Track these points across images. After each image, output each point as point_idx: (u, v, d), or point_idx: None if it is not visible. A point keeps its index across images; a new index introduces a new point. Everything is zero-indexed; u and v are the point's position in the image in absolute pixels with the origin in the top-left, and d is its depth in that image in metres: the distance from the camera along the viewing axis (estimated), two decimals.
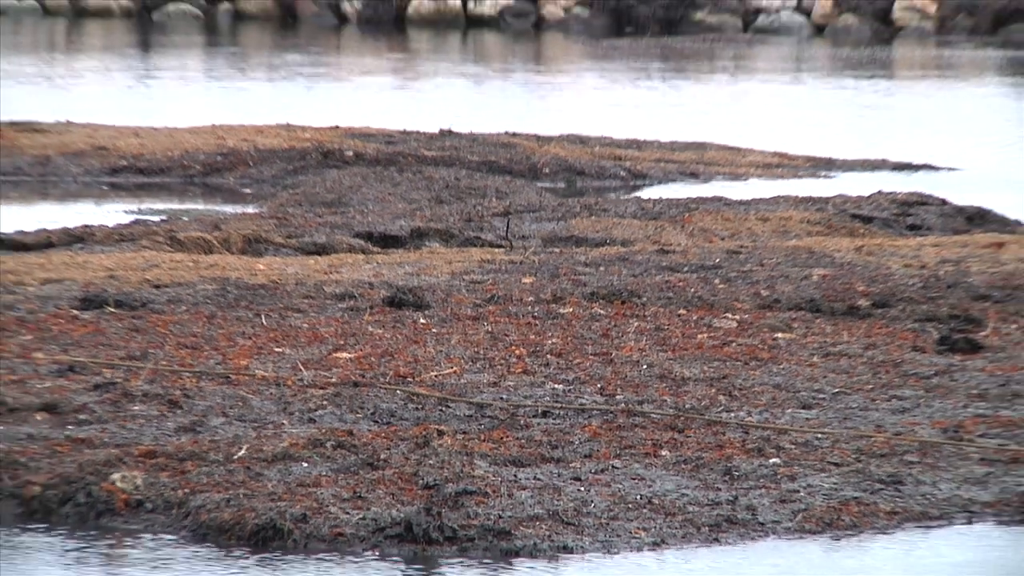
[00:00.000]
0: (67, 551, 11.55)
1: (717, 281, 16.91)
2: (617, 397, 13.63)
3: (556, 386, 13.82)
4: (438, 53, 38.26)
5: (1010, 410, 13.74)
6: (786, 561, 11.55)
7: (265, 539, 11.46)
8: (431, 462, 12.28)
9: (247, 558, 11.34)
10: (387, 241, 19.27)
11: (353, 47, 38.34)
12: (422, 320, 15.37)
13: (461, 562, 11.33)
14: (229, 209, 21.21)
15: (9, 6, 40.78)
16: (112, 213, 20.96)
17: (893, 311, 16.16)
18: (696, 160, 25.47)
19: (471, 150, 24.55)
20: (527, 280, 16.80)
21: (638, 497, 12.04)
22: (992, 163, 25.73)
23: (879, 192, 22.70)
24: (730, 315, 15.90)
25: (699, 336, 15.21)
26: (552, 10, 39.50)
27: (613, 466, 12.41)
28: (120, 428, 12.78)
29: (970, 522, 12.01)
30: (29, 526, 11.78)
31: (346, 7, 39.57)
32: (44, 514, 11.84)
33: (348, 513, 11.61)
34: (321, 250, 18.62)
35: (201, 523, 11.62)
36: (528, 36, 39.16)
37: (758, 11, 39.74)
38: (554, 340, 14.86)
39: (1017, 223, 20.97)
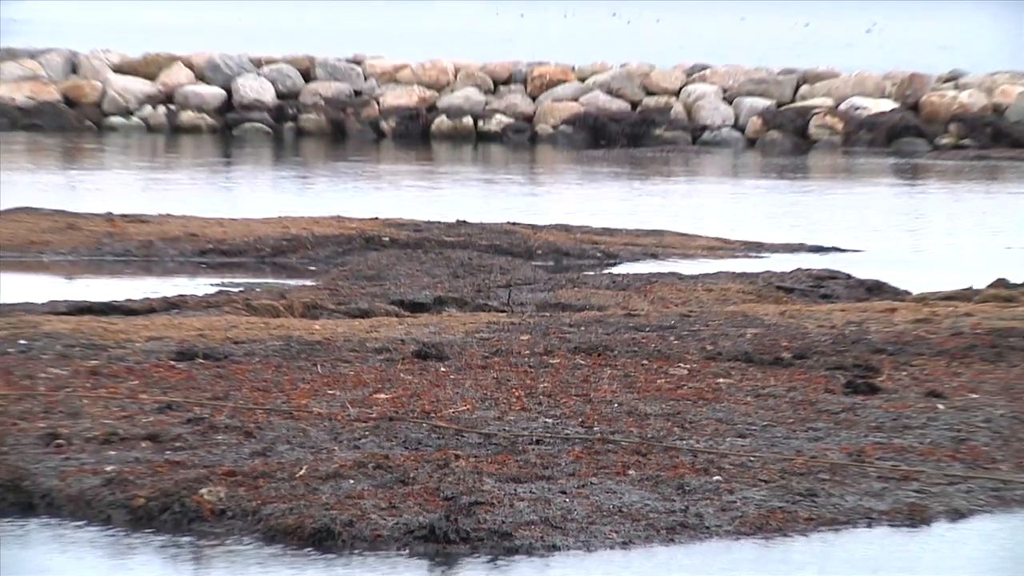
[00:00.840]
0: (164, 548, 11.62)
1: (672, 338, 16.92)
2: (594, 428, 13.66)
3: (547, 420, 13.87)
4: (454, 161, 38.13)
5: (901, 439, 13.78)
6: (727, 556, 11.61)
7: (320, 540, 11.54)
8: (449, 479, 12.33)
9: (307, 555, 11.41)
10: (415, 307, 19.32)
11: (389, 156, 38.21)
12: (442, 369, 15.39)
13: (473, 558, 11.40)
14: (292, 282, 21.22)
15: (120, 123, 40.60)
16: (201, 286, 20.96)
17: (809, 361, 16.18)
18: (655, 244, 25.51)
19: (480, 236, 24.59)
20: (524, 337, 16.82)
21: (611, 507, 12.09)
22: (886, 247, 25.71)
23: (798, 269, 22.70)
24: (682, 365, 15.92)
25: (658, 381, 15.23)
26: (543, 127, 39.35)
27: (591, 482, 12.44)
28: (207, 453, 12.81)
29: (870, 526, 12.06)
30: (136, 530, 11.84)
31: (383, 125, 39.44)
32: (148, 521, 11.88)
33: (384, 519, 11.68)
34: (364, 314, 18.66)
35: (270, 527, 11.69)
36: (525, 148, 38.92)
37: (704, 128, 39.47)
38: (545, 384, 14.88)
39: (907, 293, 20.98)
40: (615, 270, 23.07)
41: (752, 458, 13.18)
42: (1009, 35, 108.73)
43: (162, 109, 42.90)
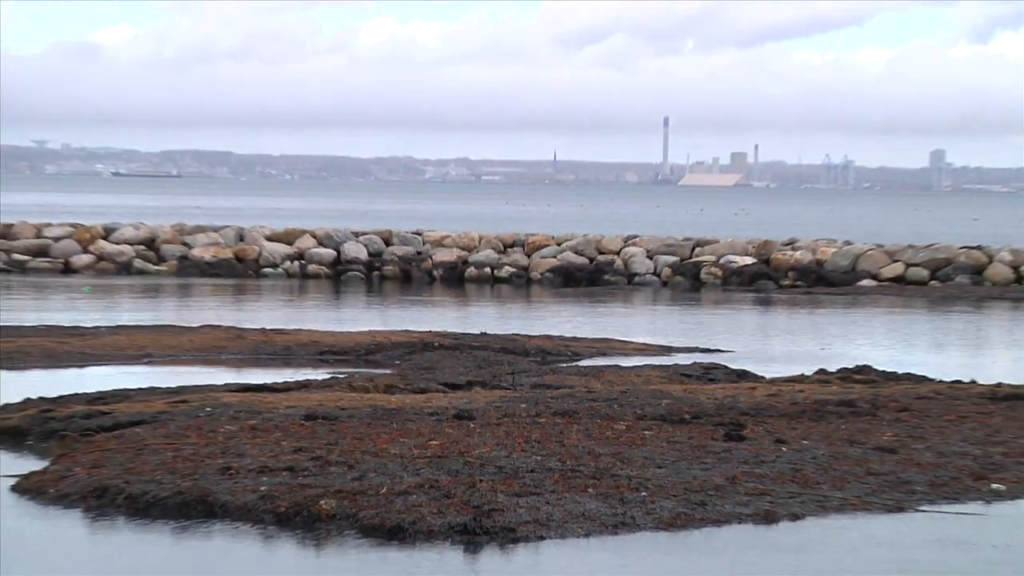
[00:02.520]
0: (298, 539, 11.58)
1: (615, 406, 16.81)
2: (567, 463, 13.59)
3: (537, 457, 13.79)
4: (479, 296, 38.21)
5: (759, 469, 13.69)
6: (651, 543, 11.55)
7: (395, 533, 11.50)
8: (476, 495, 12.27)
9: (387, 543, 11.38)
10: (454, 387, 19.19)
11: (438, 293, 38.27)
12: (472, 425, 15.30)
13: (491, 545, 11.36)
14: (378, 371, 21.12)
15: (270, 272, 40.56)
16: (320, 374, 20.88)
17: (701, 420, 16.05)
18: (604, 347, 25.38)
19: (495, 342, 24.53)
20: (523, 405, 16.74)
21: (577, 512, 12.01)
22: (748, 349, 25.61)
23: (694, 362, 22.56)
24: (622, 423, 15.83)
25: (607, 433, 15.14)
26: (535, 274, 39.29)
27: (565, 496, 12.36)
28: (324, 478, 12.72)
29: (740, 524, 12.00)
30: (280, 528, 11.81)
31: (435, 273, 39.58)
32: (287, 522, 11.82)
33: (435, 520, 11.63)
34: (422, 391, 18.57)
35: (364, 525, 11.65)
36: (523, 287, 39.02)
37: (635, 274, 39.46)
38: (536, 435, 14.80)
39: (762, 377, 20.86)
40: (579, 363, 23.00)
41: (666, 481, 13.11)
42: (829, 216, 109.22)
43: (296, 263, 42.93)
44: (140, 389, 18.55)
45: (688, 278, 41.81)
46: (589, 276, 41.91)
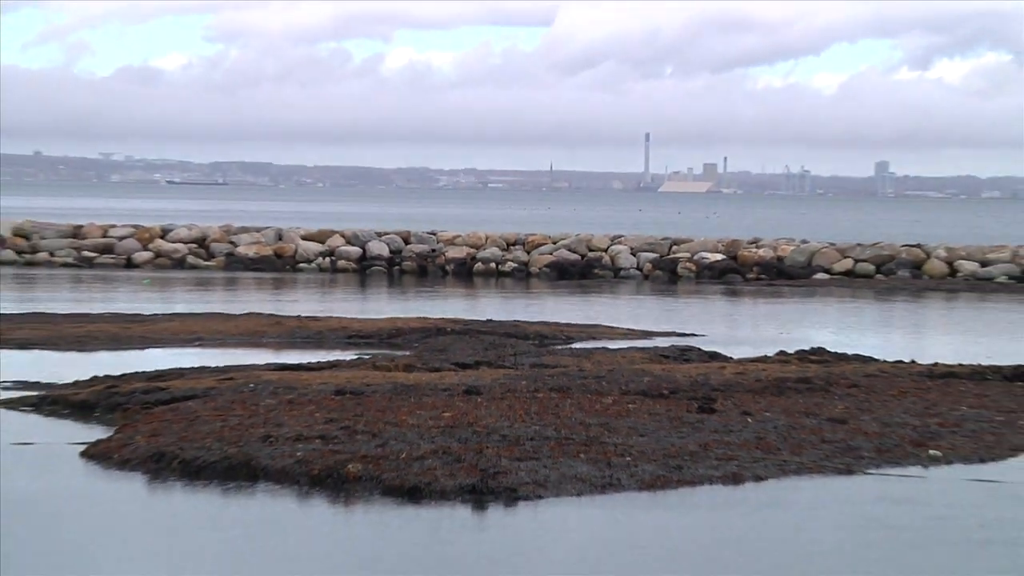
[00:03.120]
0: (330, 497, 11.56)
1: (603, 383, 16.75)
2: (561, 432, 13.58)
3: (536, 427, 13.74)
4: (486, 288, 38.20)
5: (728, 438, 13.65)
6: (634, 500, 11.54)
7: (413, 492, 11.48)
8: (483, 459, 12.24)
9: (405, 501, 11.36)
10: (464, 366, 19.12)
11: (450, 285, 38.25)
12: (480, 399, 15.27)
13: (496, 503, 11.35)
14: (398, 353, 21.00)
15: (304, 267, 40.59)
16: (348, 355, 20.85)
17: (678, 395, 15.94)
18: (594, 332, 25.26)
19: (499, 328, 24.39)
20: (523, 382, 16.68)
21: (571, 474, 12.00)
22: (718, 333, 25.55)
23: (672, 345, 22.52)
24: (609, 397, 15.77)
25: (596, 406, 15.10)
26: (534, 269, 39.26)
27: (560, 461, 12.32)
28: (352, 445, 12.65)
29: (711, 484, 11.98)
30: (313, 488, 11.79)
31: (447, 268, 39.51)
32: (320, 483, 11.80)
33: (448, 481, 11.61)
34: (436, 370, 18.48)
35: (387, 486, 11.62)
36: (523, 281, 38.94)
37: (620, 269, 39.36)
38: (535, 408, 14.74)
39: (730, 358, 20.82)
40: (572, 346, 22.94)
41: (647, 448, 13.07)
42: (788, 218, 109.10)
43: (328, 260, 42.86)
44: (192, 368, 18.58)
45: (666, 272, 41.76)
46: (581, 271, 41.85)
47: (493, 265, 42.16)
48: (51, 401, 16.01)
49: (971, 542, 10.74)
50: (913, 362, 20.30)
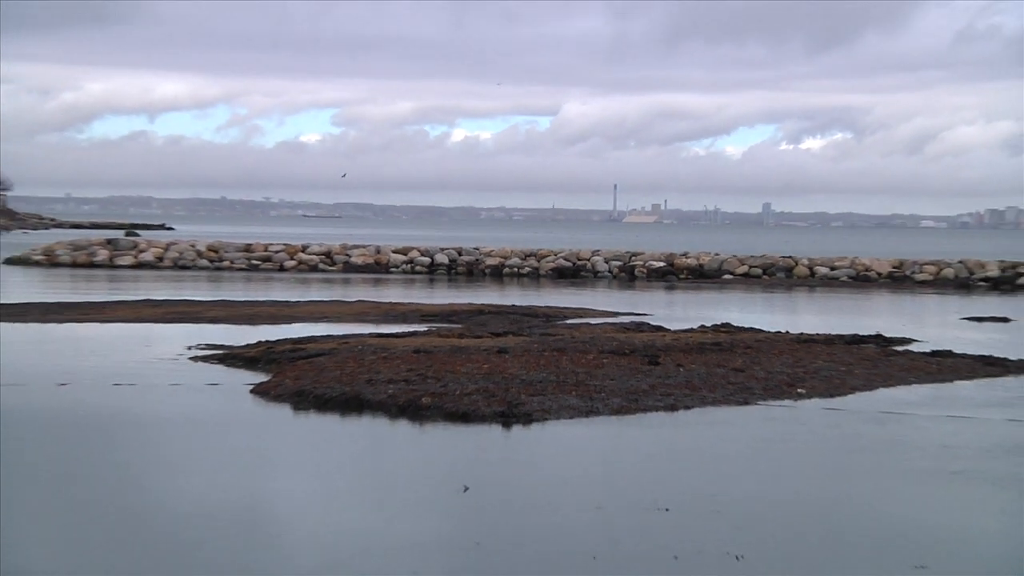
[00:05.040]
0: (411, 420, 11.57)
1: (587, 345, 16.74)
2: (559, 377, 13.53)
3: (543, 374, 13.71)
4: (511, 285, 38.16)
5: (667, 381, 13.61)
6: (607, 423, 11.50)
7: (464, 416, 11.47)
8: (509, 395, 12.20)
9: (459, 423, 11.34)
10: (497, 335, 19.03)
11: (487, 283, 37.90)
12: (507, 357, 15.24)
13: (517, 423, 11.33)
14: (454, 326, 20.97)
15: (394, 271, 40.56)
16: (422, 327, 20.77)
17: (636, 353, 15.91)
18: (581, 313, 24.95)
19: (520, 310, 24.33)
20: (535, 345, 16.67)
21: (567, 405, 11.97)
22: (662, 312, 25.41)
23: (631, 321, 22.47)
24: (590, 355, 15.74)
25: (582, 360, 15.04)
26: (542, 271, 38.85)
27: (558, 396, 12.27)
28: (424, 386, 12.59)
29: (657, 412, 11.94)
30: (399, 416, 11.78)
31: (486, 271, 39.13)
32: (403, 411, 11.78)
33: (486, 409, 11.58)
34: (478, 337, 18.41)
35: (447, 413, 11.61)
36: (536, 280, 38.68)
37: (597, 272, 39.10)
38: (543, 362, 14.72)
39: (669, 329, 20.69)
40: (567, 322, 22.83)
41: (615, 387, 13.04)
42: (705, 240, 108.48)
43: (409, 265, 42.78)
44: (321, 336, 18.54)
45: (627, 274, 41.62)
46: (572, 273, 41.71)
47: (516, 269, 42.09)
48: (231, 357, 16.06)
49: (825, 444, 10.75)
50: (787, 332, 20.23)
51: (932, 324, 24.32)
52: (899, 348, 18.41)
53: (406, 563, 6.87)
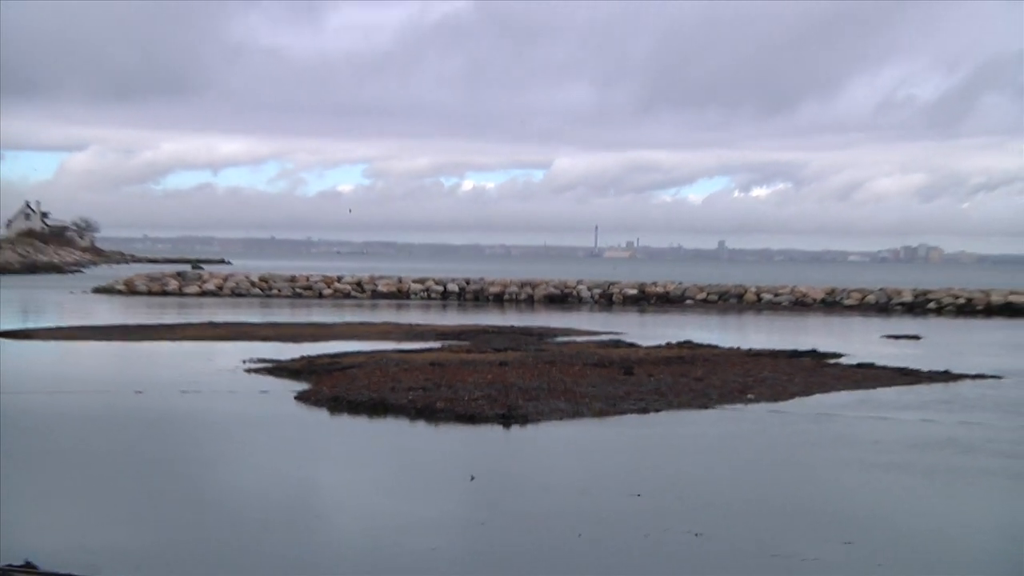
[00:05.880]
0: (428, 422, 11.52)
1: (573, 358, 16.72)
2: (551, 385, 13.50)
3: (537, 382, 13.71)
4: (509, 308, 37.93)
5: (641, 388, 13.59)
6: (589, 423, 11.47)
7: (471, 418, 11.41)
8: (509, 400, 12.18)
9: (467, 423, 11.29)
10: (498, 350, 18.96)
11: (489, 308, 37.77)
12: (508, 368, 15.26)
13: (516, 424, 11.29)
14: (462, 343, 20.95)
15: (414, 297, 40.33)
16: (436, 344, 20.63)
17: (614, 365, 15.94)
18: (568, 332, 24.90)
19: (518, 329, 24.28)
20: (531, 358, 16.68)
21: (556, 408, 11.93)
22: (634, 332, 25.39)
23: (608, 339, 22.47)
24: (576, 366, 15.75)
25: (569, 371, 15.05)
26: (536, 297, 38.92)
27: (550, 401, 12.26)
28: (438, 392, 12.54)
29: (632, 414, 11.92)
30: (417, 417, 11.74)
31: (490, 297, 38.82)
32: (420, 413, 11.72)
33: (489, 412, 11.53)
34: (483, 352, 18.29)
35: (456, 415, 11.54)
36: (529, 305, 38.50)
37: (581, 298, 39.08)
38: (536, 372, 14.73)
39: (641, 346, 20.66)
40: (556, 339, 22.80)
41: (597, 393, 13.02)
42: (671, 271, 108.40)
43: (425, 293, 42.60)
44: (353, 351, 18.50)
45: (606, 300, 41.63)
46: (561, 299, 41.67)
47: (514, 296, 42.05)
48: (278, 369, 16.03)
49: (771, 440, 10.70)
50: (739, 348, 20.23)
51: (857, 341, 24.35)
52: (831, 361, 18.44)
53: (425, 537, 6.87)
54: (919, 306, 39.75)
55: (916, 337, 25.83)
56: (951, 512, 7.83)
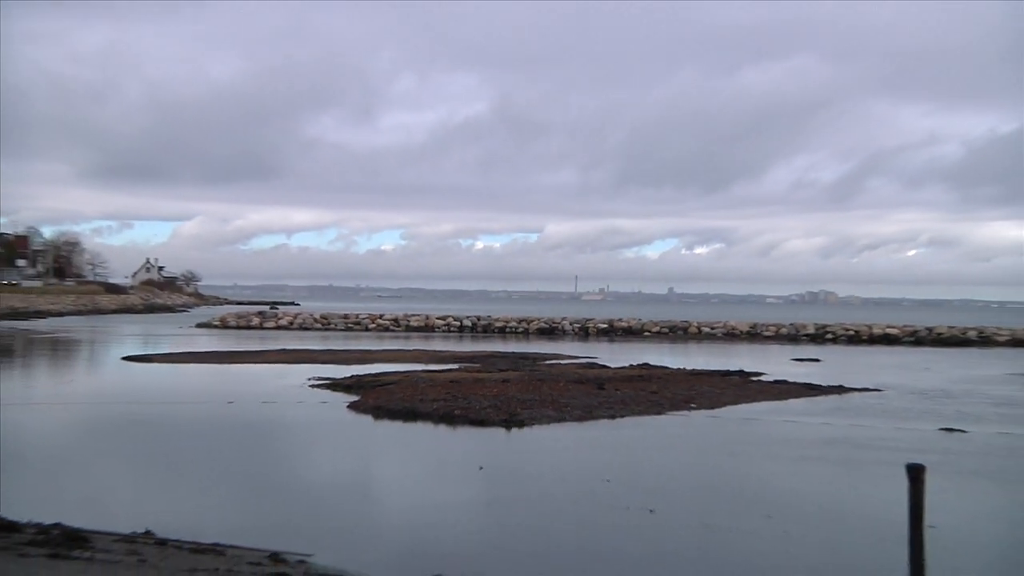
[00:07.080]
0: (451, 427, 11.46)
1: (558, 377, 16.59)
2: (541, 398, 13.41)
3: (531, 396, 13.61)
4: (511, 339, 37.62)
5: (611, 399, 13.55)
6: (571, 426, 11.39)
7: (481, 422, 11.35)
8: (510, 408, 12.11)
9: (478, 426, 11.22)
10: (502, 370, 18.71)
11: (495, 338, 37.32)
12: (509, 384, 15.11)
13: (515, 426, 11.23)
14: (476, 364, 20.79)
15: (436, 330, 39.81)
16: (455, 366, 20.36)
17: (589, 382, 15.63)
18: (556, 357, 24.38)
19: (517, 355, 24.08)
20: (527, 377, 16.59)
21: (546, 415, 11.86)
22: (606, 356, 25.18)
23: (586, 362, 22.27)
24: (560, 383, 15.66)
25: (555, 387, 14.92)
26: (531, 331, 38.78)
27: (541, 410, 12.18)
28: (455, 403, 12.54)
29: (604, 419, 11.87)
30: (439, 422, 11.68)
31: (495, 330, 38.34)
32: (442, 419, 11.67)
33: (496, 417, 11.48)
34: (490, 372, 18.01)
35: (470, 419, 11.44)
36: (527, 337, 38.18)
37: (565, 331, 38.81)
38: (531, 388, 14.63)
39: (610, 367, 20.48)
40: (546, 362, 22.61)
41: (576, 404, 12.92)
42: (636, 310, 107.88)
43: (446, 327, 42.12)
44: (391, 371, 18.34)
45: (584, 332, 41.48)
46: (549, 331, 41.51)
47: (514, 329, 41.91)
48: (334, 385, 15.91)
49: (710, 439, 10.65)
50: (684, 368, 20.15)
51: (774, 363, 24.33)
52: (754, 378, 18.38)
53: (446, 514, 6.91)
54: (820, 336, 40.06)
55: (817, 360, 25.91)
56: (847, 492, 7.90)
